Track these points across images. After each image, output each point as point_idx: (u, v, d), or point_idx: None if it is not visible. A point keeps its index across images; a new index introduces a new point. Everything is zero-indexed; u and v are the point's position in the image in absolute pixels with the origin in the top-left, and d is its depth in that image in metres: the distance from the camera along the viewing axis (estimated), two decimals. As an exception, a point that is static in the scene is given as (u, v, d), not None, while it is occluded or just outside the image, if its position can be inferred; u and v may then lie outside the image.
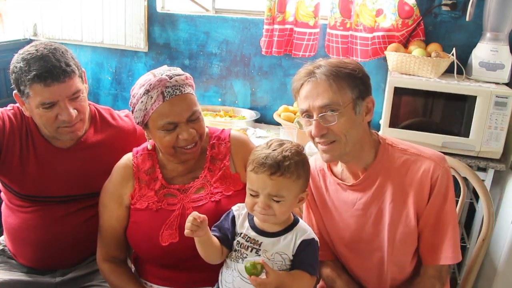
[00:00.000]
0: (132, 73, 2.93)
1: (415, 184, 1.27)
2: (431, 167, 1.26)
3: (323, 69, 1.25)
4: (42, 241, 1.53)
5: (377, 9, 2.27)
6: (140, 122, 1.37)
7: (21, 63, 1.39)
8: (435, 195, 1.26)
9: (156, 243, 1.32)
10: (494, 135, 1.94)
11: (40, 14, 2.99)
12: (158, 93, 1.31)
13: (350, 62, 1.29)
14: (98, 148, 1.58)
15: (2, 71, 2.75)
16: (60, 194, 1.54)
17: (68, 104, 1.42)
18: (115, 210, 1.41)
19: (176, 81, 1.33)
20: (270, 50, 2.44)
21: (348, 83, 1.24)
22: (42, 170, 1.52)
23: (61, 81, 1.39)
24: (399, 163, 1.30)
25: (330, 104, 1.22)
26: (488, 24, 2.09)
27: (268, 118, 2.64)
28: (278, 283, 1.14)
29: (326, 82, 1.23)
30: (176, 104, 1.31)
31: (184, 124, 1.32)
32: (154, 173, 1.42)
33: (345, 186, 1.36)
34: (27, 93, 1.40)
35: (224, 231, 1.26)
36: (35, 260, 1.56)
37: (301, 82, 1.28)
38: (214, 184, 1.40)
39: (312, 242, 1.23)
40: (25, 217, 1.54)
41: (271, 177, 1.15)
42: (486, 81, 2.06)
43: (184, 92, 1.34)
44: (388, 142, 1.33)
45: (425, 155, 1.29)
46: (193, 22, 2.70)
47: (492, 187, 2.04)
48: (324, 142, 1.27)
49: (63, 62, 1.40)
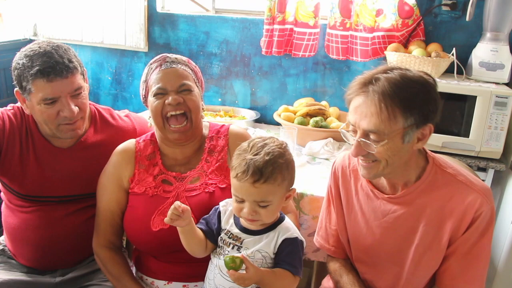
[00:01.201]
0: (132, 73, 2.93)
1: (456, 213, 1.20)
2: (477, 201, 1.18)
3: (380, 86, 1.11)
4: (42, 241, 1.53)
5: (377, 9, 2.27)
6: (143, 96, 1.46)
7: (24, 60, 1.40)
8: (474, 228, 1.19)
9: (148, 228, 1.34)
10: (494, 135, 1.94)
11: (40, 14, 2.99)
12: (158, 64, 1.43)
13: (417, 81, 1.13)
14: (98, 148, 1.58)
15: (2, 71, 2.75)
16: (60, 194, 1.54)
17: (70, 101, 1.43)
18: (114, 192, 1.44)
19: (176, 58, 1.45)
20: (270, 50, 2.44)
21: (404, 110, 1.11)
22: (41, 170, 1.52)
23: (63, 77, 1.40)
24: (444, 188, 1.22)
25: (374, 131, 1.13)
26: (488, 24, 2.09)
27: (268, 118, 2.64)
28: (257, 279, 1.14)
29: (376, 105, 1.11)
30: (169, 73, 1.40)
31: (174, 93, 1.38)
32: (154, 159, 1.46)
33: (379, 195, 1.30)
34: (29, 89, 1.40)
35: (211, 226, 1.28)
36: (35, 260, 1.56)
37: (353, 94, 1.17)
38: (209, 175, 1.42)
39: (295, 241, 1.21)
40: (25, 217, 1.54)
41: (255, 185, 1.13)
42: (486, 81, 2.06)
43: (181, 68, 1.43)
44: (436, 162, 1.25)
45: (474, 187, 1.20)
46: (193, 22, 2.70)
47: (492, 187, 2.04)
48: (364, 160, 1.20)
49: (66, 58, 1.42)
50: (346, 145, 2.15)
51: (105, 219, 1.44)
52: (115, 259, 1.43)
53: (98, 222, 1.46)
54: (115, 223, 1.45)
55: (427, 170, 1.23)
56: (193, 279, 1.38)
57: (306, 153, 2.13)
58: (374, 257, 1.35)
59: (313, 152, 2.12)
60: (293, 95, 2.60)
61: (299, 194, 1.76)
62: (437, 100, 1.15)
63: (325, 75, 2.53)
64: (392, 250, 1.30)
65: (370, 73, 1.17)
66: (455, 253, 1.23)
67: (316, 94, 2.56)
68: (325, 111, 2.29)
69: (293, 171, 1.23)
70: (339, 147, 2.14)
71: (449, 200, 1.21)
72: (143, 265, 1.46)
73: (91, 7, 2.85)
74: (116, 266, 1.42)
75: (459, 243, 1.22)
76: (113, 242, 1.46)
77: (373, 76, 1.15)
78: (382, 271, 1.35)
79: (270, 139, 1.21)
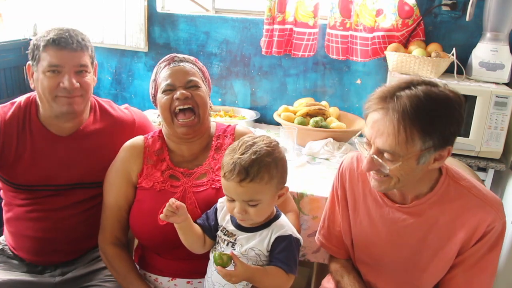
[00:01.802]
0: (132, 73, 2.93)
1: (468, 226, 1.18)
2: (490, 216, 1.16)
3: (401, 105, 1.04)
4: (40, 233, 1.53)
5: (377, 9, 2.27)
6: (152, 94, 1.50)
7: (43, 33, 1.50)
8: (484, 242, 1.18)
9: (154, 222, 1.35)
10: (494, 135, 1.94)
11: (40, 14, 2.98)
12: (167, 63, 1.47)
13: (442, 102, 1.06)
14: (96, 138, 1.59)
15: (2, 71, 2.75)
16: (56, 183, 1.54)
17: (73, 75, 1.48)
18: (123, 187, 1.45)
19: (184, 57, 1.49)
20: (270, 50, 2.44)
21: (423, 133, 1.05)
22: (37, 157, 1.53)
23: (72, 50, 1.48)
24: (457, 201, 1.19)
25: (389, 152, 1.09)
26: (488, 24, 2.09)
27: (268, 118, 2.65)
28: (247, 276, 1.14)
29: (395, 126, 1.05)
30: (177, 71, 1.44)
31: (181, 88, 1.42)
32: (162, 154, 1.49)
33: (389, 202, 1.28)
34: (39, 57, 1.47)
35: (209, 222, 1.29)
36: (34, 253, 1.56)
37: (371, 108, 1.12)
38: (216, 171, 1.44)
39: (288, 238, 1.21)
40: (22, 210, 1.55)
41: (241, 184, 1.13)
42: (486, 81, 2.06)
43: (188, 67, 1.46)
44: (450, 174, 1.22)
45: (487, 201, 1.18)
46: (193, 22, 2.70)
47: (492, 187, 2.04)
48: (376, 174, 1.17)
49: (80, 37, 1.52)
50: (346, 145, 2.15)
51: (112, 214, 1.45)
52: (121, 256, 1.43)
53: (105, 218, 1.47)
54: (122, 219, 1.46)
55: (440, 182, 1.21)
56: (197, 275, 1.38)
57: (306, 153, 2.13)
58: (378, 261, 1.34)
59: (313, 152, 2.12)
60: (293, 95, 2.60)
61: (299, 194, 1.76)
62: (460, 121, 1.09)
63: (325, 75, 2.53)
64: (398, 257, 1.29)
65: (393, 87, 1.10)
66: (462, 264, 1.22)
67: (316, 94, 2.56)
68: (325, 111, 2.29)
69: (284, 169, 1.22)
70: (339, 147, 2.13)
71: (461, 214, 1.19)
72: (146, 263, 1.46)
73: (91, 7, 2.85)
74: (123, 263, 1.42)
75: (467, 254, 1.21)
76: (119, 239, 1.46)
77: (395, 91, 1.08)
78: (385, 274, 1.34)
79: (260, 138, 1.21)
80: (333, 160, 2.07)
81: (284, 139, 2.05)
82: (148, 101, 1.43)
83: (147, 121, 1.77)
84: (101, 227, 1.48)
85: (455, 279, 1.24)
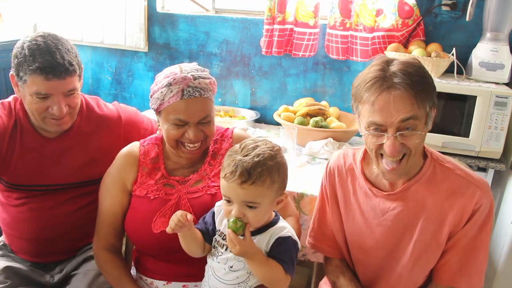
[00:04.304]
0: (132, 73, 2.93)
1: (456, 207, 1.21)
2: (476, 194, 1.19)
3: (403, 78, 1.12)
4: (35, 234, 1.54)
5: (377, 9, 2.27)
6: (154, 109, 1.40)
7: (27, 51, 1.41)
8: (474, 222, 1.20)
9: (149, 230, 1.34)
10: (494, 135, 1.94)
11: (40, 14, 2.98)
12: (179, 89, 1.32)
13: (420, 66, 1.18)
14: (83, 137, 1.59)
15: (2, 71, 2.75)
16: (46, 183, 1.54)
17: (62, 99, 1.45)
18: (118, 195, 1.44)
19: (199, 83, 1.35)
20: (270, 50, 2.44)
21: (427, 94, 1.15)
22: (29, 158, 1.53)
23: (61, 78, 1.41)
24: (443, 183, 1.23)
25: (413, 118, 1.13)
26: (488, 24, 2.09)
27: (268, 118, 2.64)
28: (250, 252, 1.13)
29: (410, 94, 1.12)
30: (191, 105, 1.33)
31: (193, 125, 1.34)
32: (157, 163, 1.46)
33: (378, 193, 1.29)
34: (25, 80, 1.42)
35: (207, 226, 1.28)
36: (32, 253, 1.57)
37: (376, 92, 1.14)
38: (212, 178, 1.42)
39: (287, 240, 1.20)
40: (16, 210, 1.56)
41: (242, 186, 1.12)
42: (486, 81, 2.06)
43: (203, 96, 1.35)
44: (434, 157, 1.26)
45: (473, 180, 1.22)
46: (193, 22, 2.70)
47: (492, 187, 2.04)
48: (393, 161, 1.18)
49: (67, 60, 1.43)
50: (346, 145, 2.15)
51: (107, 221, 1.44)
52: (114, 262, 1.43)
53: (100, 224, 1.46)
54: (117, 226, 1.44)
55: (426, 164, 1.24)
56: (192, 278, 1.38)
57: (306, 153, 2.13)
58: (372, 257, 1.34)
59: (313, 152, 2.12)
60: (293, 95, 2.60)
61: (299, 194, 1.76)
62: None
63: (325, 75, 2.53)
64: (391, 248, 1.30)
65: (377, 68, 1.16)
66: (454, 247, 1.24)
67: (316, 94, 2.56)
68: (325, 111, 2.29)
69: (285, 175, 1.20)
70: (339, 147, 2.13)
71: (449, 196, 1.22)
72: (142, 266, 1.46)
73: (91, 7, 2.85)
74: (116, 269, 1.42)
75: (458, 237, 1.22)
76: (113, 245, 1.45)
77: (383, 68, 1.15)
78: (381, 270, 1.35)
79: (262, 142, 1.19)
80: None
81: (284, 139, 2.05)
82: (148, 101, 1.42)
83: (136, 116, 1.73)
84: (95, 233, 1.46)
85: (447, 264, 1.25)
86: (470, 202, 1.20)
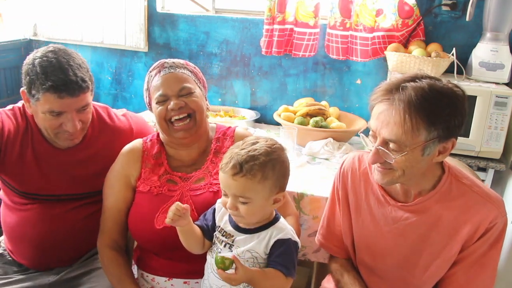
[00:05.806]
0: (132, 73, 2.93)
1: (470, 222, 1.19)
2: (492, 213, 1.17)
3: (406, 96, 1.07)
4: (39, 238, 1.53)
5: (377, 9, 2.27)
6: (147, 103, 1.49)
7: (38, 69, 1.39)
8: (486, 239, 1.19)
9: (152, 226, 1.36)
10: (494, 135, 1.94)
11: (40, 14, 2.98)
12: (157, 71, 1.45)
13: (446, 93, 1.09)
14: (95, 149, 1.59)
15: (2, 71, 2.75)
16: (58, 193, 1.55)
17: (75, 116, 1.45)
18: (122, 191, 1.46)
19: (173, 62, 1.46)
20: (270, 50, 2.44)
21: (428, 123, 1.07)
22: (40, 168, 1.53)
23: (74, 96, 1.41)
24: (459, 199, 1.20)
25: (394, 141, 1.10)
26: (488, 24, 2.09)
27: (268, 118, 2.64)
28: (247, 279, 1.14)
29: (401, 115, 1.07)
30: (167, 79, 1.42)
31: (174, 97, 1.40)
32: (160, 158, 1.48)
33: (391, 201, 1.28)
34: (38, 98, 1.41)
35: (207, 222, 1.29)
36: (33, 257, 1.56)
37: (377, 100, 1.14)
38: (214, 175, 1.43)
39: (287, 242, 1.20)
40: (23, 214, 1.55)
41: (233, 178, 1.14)
42: (486, 81, 2.06)
43: (178, 72, 1.44)
44: (452, 172, 1.23)
45: (489, 198, 1.19)
46: (193, 22, 2.70)
47: (492, 187, 2.04)
48: (380, 166, 1.18)
49: (80, 77, 1.41)
50: (346, 145, 2.15)
51: (112, 217, 1.45)
52: (118, 261, 1.43)
53: (104, 220, 1.47)
54: (121, 222, 1.46)
55: (443, 180, 1.22)
56: (193, 275, 1.38)
57: (306, 153, 2.13)
58: (379, 262, 1.34)
59: (313, 152, 2.12)
60: (293, 95, 2.60)
61: (299, 194, 1.76)
62: (464, 114, 1.11)
63: (325, 75, 2.53)
64: (400, 256, 1.29)
65: (398, 79, 1.13)
66: (463, 261, 1.23)
67: (316, 94, 2.56)
68: (325, 111, 2.29)
69: (281, 173, 1.20)
70: (339, 147, 2.13)
71: (464, 211, 1.19)
72: (144, 262, 1.47)
73: (91, 7, 2.85)
74: (118, 268, 1.42)
75: (468, 252, 1.21)
76: (117, 242, 1.46)
77: (400, 83, 1.11)
78: (387, 275, 1.34)
79: (263, 139, 1.21)
80: (333, 160, 2.07)
81: (284, 139, 2.05)
82: (148, 101, 1.42)
83: (146, 127, 1.75)
84: (100, 230, 1.47)
85: (455, 276, 1.25)
86: (485, 220, 1.17)
